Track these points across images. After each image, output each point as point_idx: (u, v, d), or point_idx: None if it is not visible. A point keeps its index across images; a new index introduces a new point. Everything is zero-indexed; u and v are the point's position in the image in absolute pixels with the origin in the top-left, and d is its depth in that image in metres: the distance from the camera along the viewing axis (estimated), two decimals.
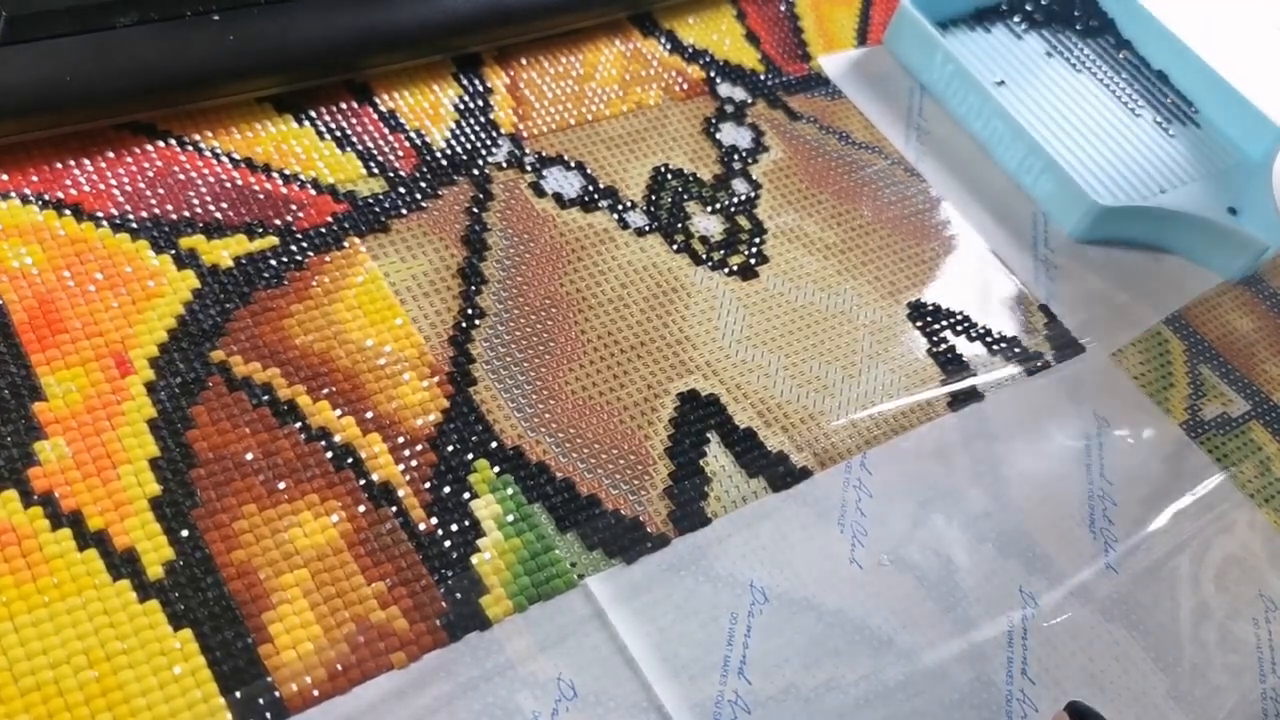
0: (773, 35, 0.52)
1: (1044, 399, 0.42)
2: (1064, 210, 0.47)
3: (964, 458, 0.40)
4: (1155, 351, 0.45)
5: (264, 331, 0.36)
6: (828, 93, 0.50)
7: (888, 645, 0.34)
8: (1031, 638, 0.36)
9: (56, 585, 0.30)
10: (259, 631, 0.30)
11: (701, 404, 0.38)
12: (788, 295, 0.42)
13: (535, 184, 0.43)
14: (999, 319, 0.44)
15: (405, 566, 0.32)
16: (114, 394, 0.33)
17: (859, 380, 0.41)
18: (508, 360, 0.38)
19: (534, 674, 0.31)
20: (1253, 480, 0.42)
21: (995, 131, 0.49)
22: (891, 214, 0.47)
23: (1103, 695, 0.35)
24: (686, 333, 0.40)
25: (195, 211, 0.38)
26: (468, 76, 0.45)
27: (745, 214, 0.44)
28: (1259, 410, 0.45)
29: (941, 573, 0.36)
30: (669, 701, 0.32)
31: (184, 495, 0.32)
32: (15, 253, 0.35)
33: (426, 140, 0.43)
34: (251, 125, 0.41)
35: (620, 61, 0.48)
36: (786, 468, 0.37)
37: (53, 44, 0.37)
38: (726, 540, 0.35)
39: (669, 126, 0.46)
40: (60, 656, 0.29)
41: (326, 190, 0.40)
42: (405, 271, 0.39)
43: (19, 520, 0.30)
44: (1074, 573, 0.38)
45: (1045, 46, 0.55)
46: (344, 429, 0.34)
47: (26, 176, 0.37)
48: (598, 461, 0.36)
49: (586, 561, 0.34)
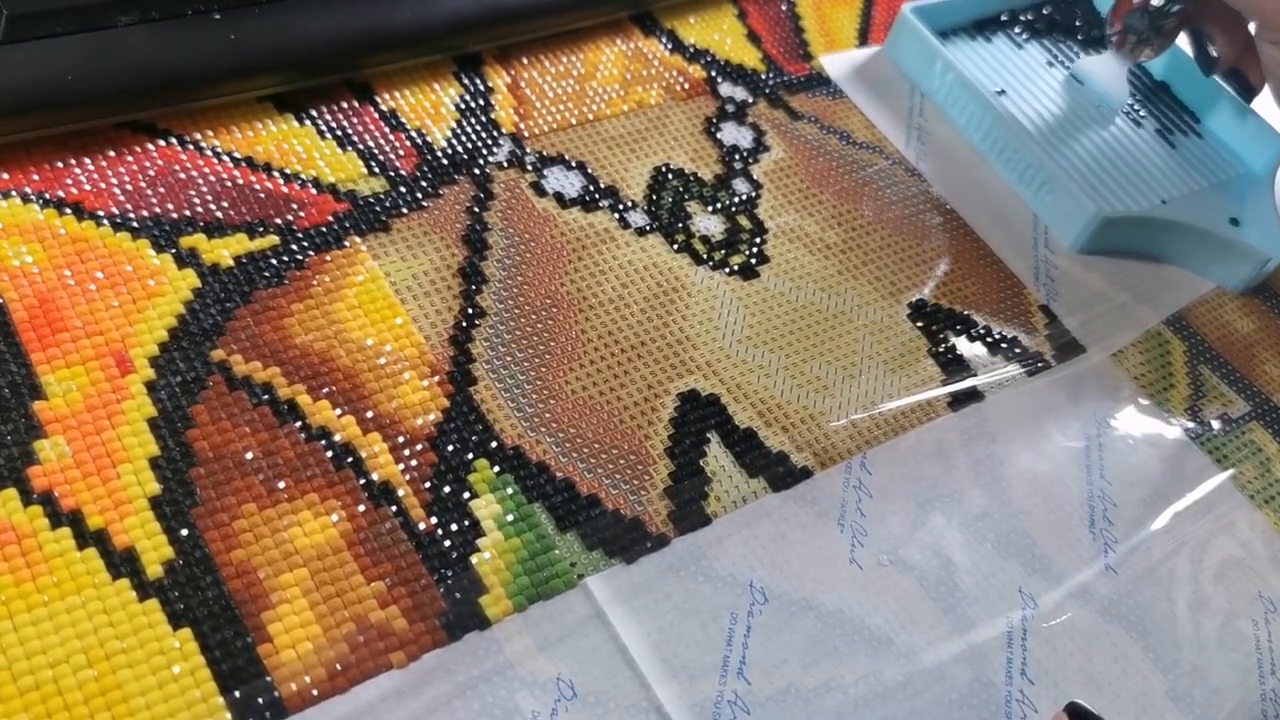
0: (774, 35, 0.52)
1: (1044, 399, 0.42)
2: (1065, 221, 0.47)
3: (964, 458, 0.40)
4: (1156, 352, 0.45)
5: (264, 331, 0.36)
6: (829, 92, 0.50)
7: (887, 645, 0.34)
8: (1031, 638, 0.36)
9: (56, 584, 0.30)
10: (258, 631, 0.30)
11: (702, 404, 0.38)
12: (788, 295, 0.42)
13: (536, 183, 0.43)
14: (999, 319, 0.44)
15: (405, 566, 0.32)
16: (114, 393, 0.33)
17: (859, 380, 0.41)
18: (508, 360, 0.38)
19: (533, 674, 0.31)
20: (1253, 481, 0.42)
21: (995, 141, 0.49)
22: (892, 214, 0.46)
23: (1102, 696, 0.35)
24: (687, 332, 0.40)
25: (196, 210, 0.38)
26: (469, 76, 0.45)
27: (746, 214, 0.44)
28: (1259, 411, 0.45)
29: (941, 573, 0.36)
30: (668, 701, 0.32)
31: (184, 494, 0.32)
32: (16, 251, 0.35)
33: (427, 139, 0.43)
34: (252, 124, 0.41)
35: (621, 61, 0.48)
36: (787, 468, 0.37)
37: (54, 43, 0.37)
38: (726, 540, 0.35)
39: (670, 126, 0.46)
40: (59, 655, 0.29)
41: (327, 189, 0.40)
42: (406, 271, 0.39)
43: (19, 519, 0.30)
44: (1073, 573, 0.38)
45: (1046, 56, 0.54)
46: (344, 428, 0.35)
47: (27, 175, 0.37)
48: (598, 461, 0.36)
49: (586, 561, 0.34)
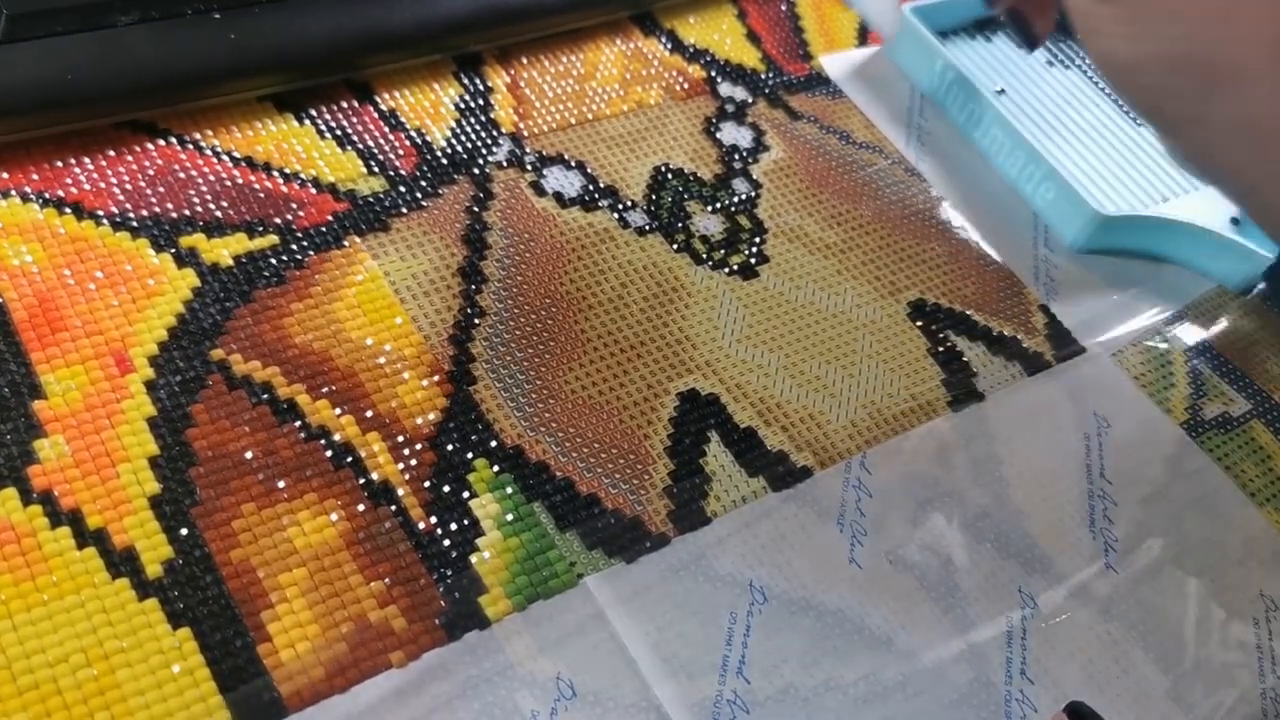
0: (774, 35, 0.52)
1: (1044, 399, 0.42)
2: (1065, 220, 0.47)
3: (964, 458, 0.39)
4: (1156, 352, 0.45)
5: (264, 330, 0.36)
6: (828, 92, 0.50)
7: (887, 645, 0.34)
8: (1031, 638, 0.36)
9: (55, 584, 0.30)
10: (258, 630, 0.30)
11: (701, 403, 0.38)
12: (788, 295, 0.42)
13: (536, 183, 0.43)
14: (999, 319, 0.44)
15: (404, 565, 0.32)
16: (114, 392, 0.33)
17: (859, 380, 0.41)
18: (508, 359, 0.38)
19: (533, 673, 0.31)
20: (1253, 480, 0.42)
21: (995, 140, 0.49)
22: (892, 213, 0.46)
23: (1102, 695, 0.35)
24: (687, 332, 0.40)
25: (195, 210, 0.38)
26: (468, 75, 0.45)
27: (746, 213, 0.44)
28: (1260, 410, 0.45)
29: (941, 573, 0.36)
30: (668, 701, 0.32)
31: (183, 494, 0.32)
32: (15, 251, 0.35)
33: (427, 139, 0.43)
34: (252, 124, 0.41)
35: (621, 61, 0.48)
36: (786, 467, 0.37)
37: (54, 42, 0.37)
38: (726, 540, 0.35)
39: (670, 126, 0.46)
40: (59, 655, 0.29)
41: (327, 189, 0.40)
42: (405, 270, 0.39)
43: (18, 518, 0.30)
44: (1073, 573, 0.38)
45: (1046, 55, 0.54)
46: (343, 428, 0.34)
47: (27, 174, 0.37)
48: (597, 461, 0.36)
49: (586, 561, 0.34)
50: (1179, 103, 0.35)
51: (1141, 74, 0.35)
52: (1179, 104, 0.35)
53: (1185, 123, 0.35)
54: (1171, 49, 0.34)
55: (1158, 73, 0.35)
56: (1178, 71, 0.34)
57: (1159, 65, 0.35)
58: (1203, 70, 0.34)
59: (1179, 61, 0.34)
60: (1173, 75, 0.34)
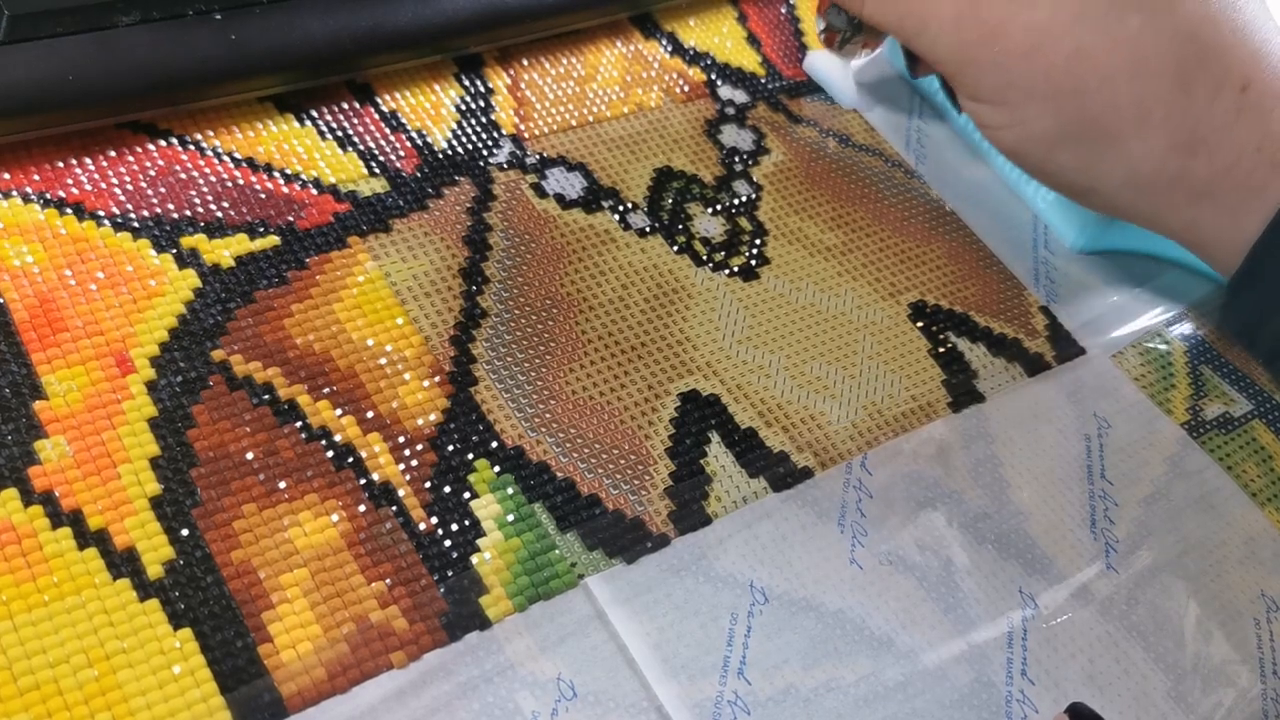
0: (774, 38, 0.52)
1: (1045, 400, 0.42)
2: (1065, 221, 0.47)
3: (964, 458, 0.40)
4: (1156, 352, 0.45)
5: (265, 331, 0.36)
6: (828, 96, 0.50)
7: (887, 646, 0.34)
8: (1031, 638, 0.36)
9: (56, 584, 0.30)
10: (259, 631, 0.30)
11: (702, 404, 0.38)
12: (789, 296, 0.42)
13: (537, 185, 0.43)
14: (999, 320, 0.44)
15: (405, 566, 0.32)
16: (114, 393, 0.33)
17: (860, 381, 0.41)
18: (509, 360, 0.38)
19: (534, 674, 0.31)
20: (1254, 480, 0.42)
21: None
22: (892, 215, 0.47)
23: (1103, 696, 0.35)
24: (687, 333, 0.40)
25: (197, 211, 0.38)
26: (469, 77, 0.45)
27: (746, 215, 0.44)
28: (1261, 410, 0.45)
29: (941, 573, 0.36)
30: (669, 702, 0.32)
31: (184, 494, 0.32)
32: (16, 251, 0.35)
33: (428, 140, 0.43)
34: (253, 125, 0.41)
35: (621, 63, 0.48)
36: (787, 468, 0.37)
37: (54, 43, 0.37)
38: (727, 540, 0.35)
39: (670, 128, 0.46)
40: (60, 655, 0.29)
41: (328, 190, 0.40)
42: (406, 271, 0.39)
43: (19, 519, 0.30)
44: (1074, 573, 0.38)
45: None
46: (344, 429, 0.34)
47: (28, 175, 0.37)
48: (598, 461, 0.36)
49: (587, 561, 0.34)
50: (1073, 176, 0.40)
51: (1033, 158, 0.40)
52: (1073, 177, 0.40)
53: (1085, 193, 0.40)
54: (1046, 130, 0.38)
55: (1045, 153, 0.39)
56: (1060, 149, 0.39)
57: (1042, 147, 0.39)
58: (1080, 143, 0.38)
59: (1056, 140, 0.38)
60: (1057, 153, 0.39)
